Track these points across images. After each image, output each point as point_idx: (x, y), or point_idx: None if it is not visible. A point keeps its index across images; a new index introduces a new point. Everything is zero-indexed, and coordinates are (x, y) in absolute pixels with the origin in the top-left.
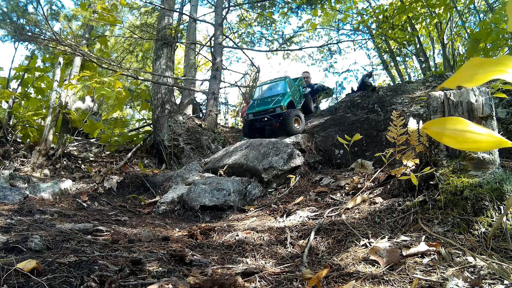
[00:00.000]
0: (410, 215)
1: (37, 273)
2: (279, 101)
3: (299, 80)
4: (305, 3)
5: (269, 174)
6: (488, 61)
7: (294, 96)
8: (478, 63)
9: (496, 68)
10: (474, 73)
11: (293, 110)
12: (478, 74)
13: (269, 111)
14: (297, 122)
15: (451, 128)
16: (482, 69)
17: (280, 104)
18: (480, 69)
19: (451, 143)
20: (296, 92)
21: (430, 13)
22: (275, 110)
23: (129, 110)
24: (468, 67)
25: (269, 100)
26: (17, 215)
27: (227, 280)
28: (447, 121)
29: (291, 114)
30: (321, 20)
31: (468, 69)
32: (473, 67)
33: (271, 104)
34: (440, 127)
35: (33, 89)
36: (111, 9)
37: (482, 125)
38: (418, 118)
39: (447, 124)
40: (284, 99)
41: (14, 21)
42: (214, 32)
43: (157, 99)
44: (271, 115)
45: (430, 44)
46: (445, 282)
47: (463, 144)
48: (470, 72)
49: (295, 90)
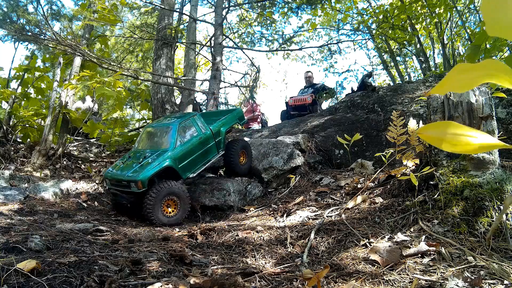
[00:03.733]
0: (410, 215)
1: (37, 273)
2: (138, 171)
3: (230, 116)
4: (305, 3)
5: (269, 174)
6: (475, 66)
7: (191, 153)
8: (465, 68)
9: (484, 73)
10: (462, 79)
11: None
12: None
13: (122, 185)
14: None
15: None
16: (470, 75)
17: (136, 179)
18: (468, 74)
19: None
20: (204, 142)
21: (430, 13)
22: (130, 185)
23: (129, 110)
24: (455, 73)
25: (134, 163)
26: (17, 215)
27: (227, 280)
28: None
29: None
30: (321, 20)
31: (455, 75)
32: (460, 72)
33: (128, 173)
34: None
35: (33, 89)
36: (111, 9)
37: (482, 125)
38: (418, 118)
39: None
40: (150, 167)
41: (14, 21)
42: (214, 32)
43: (157, 99)
44: (125, 191)
45: (430, 44)
46: (445, 282)
47: (456, 147)
48: (458, 78)
49: (202, 140)
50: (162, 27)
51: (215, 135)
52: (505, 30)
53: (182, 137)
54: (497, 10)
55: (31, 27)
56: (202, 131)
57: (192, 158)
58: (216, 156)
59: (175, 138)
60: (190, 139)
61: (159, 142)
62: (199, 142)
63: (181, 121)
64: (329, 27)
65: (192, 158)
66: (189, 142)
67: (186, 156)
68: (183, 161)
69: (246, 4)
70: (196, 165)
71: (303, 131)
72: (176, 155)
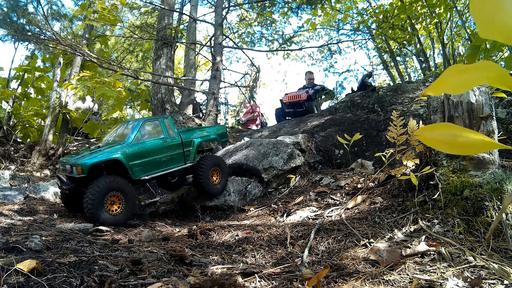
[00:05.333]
0: (410, 215)
1: (37, 273)
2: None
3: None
4: (305, 3)
5: (269, 174)
6: (469, 68)
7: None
8: (460, 70)
9: (478, 74)
10: (457, 81)
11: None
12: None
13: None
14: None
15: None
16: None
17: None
18: (463, 76)
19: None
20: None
21: (430, 13)
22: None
23: (129, 110)
24: (450, 74)
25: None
26: (17, 215)
27: (227, 280)
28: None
29: None
30: (321, 20)
31: (450, 76)
32: (454, 74)
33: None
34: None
35: (33, 89)
36: (111, 9)
37: (482, 125)
38: (418, 118)
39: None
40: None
41: (14, 21)
42: (214, 32)
43: (157, 99)
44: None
45: (430, 44)
46: (445, 282)
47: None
48: (453, 79)
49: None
50: (162, 27)
51: (184, 144)
52: (498, 32)
53: (143, 135)
54: (488, 12)
55: (31, 27)
56: (169, 135)
57: (150, 159)
58: (181, 167)
59: (134, 134)
60: (153, 140)
61: (119, 136)
62: (162, 146)
63: (148, 120)
64: (329, 27)
65: (150, 160)
66: (150, 142)
67: (143, 155)
68: (137, 159)
69: (246, 4)
70: (152, 169)
71: (303, 131)
72: (131, 151)
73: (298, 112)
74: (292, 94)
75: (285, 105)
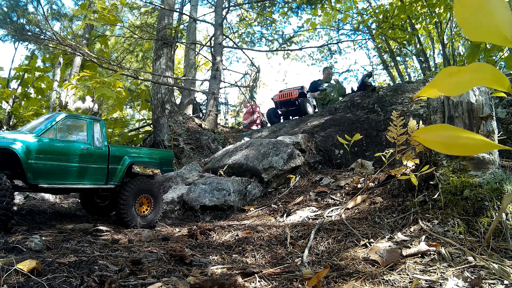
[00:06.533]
0: (410, 215)
1: (37, 273)
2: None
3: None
4: (305, 3)
5: (269, 174)
6: (462, 70)
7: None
8: (453, 72)
9: (472, 76)
10: (452, 82)
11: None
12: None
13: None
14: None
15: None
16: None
17: None
18: (456, 78)
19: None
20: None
21: (430, 13)
22: None
23: (129, 110)
24: (444, 75)
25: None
26: (17, 215)
27: (227, 280)
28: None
29: None
30: (321, 20)
31: (443, 79)
32: (448, 76)
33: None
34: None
35: (33, 89)
36: (111, 9)
37: (482, 125)
38: (418, 118)
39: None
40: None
41: (14, 21)
42: (214, 32)
43: (157, 99)
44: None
45: (430, 44)
46: (445, 282)
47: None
48: (448, 81)
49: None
50: (162, 27)
51: (111, 158)
52: (485, 33)
53: (59, 132)
54: (472, 15)
55: (31, 27)
56: (94, 143)
57: (56, 164)
58: (99, 185)
59: (46, 127)
60: (68, 141)
61: (32, 127)
62: (80, 153)
63: (72, 116)
64: (329, 27)
65: (56, 165)
66: (65, 143)
67: (49, 155)
68: (40, 159)
69: (246, 4)
70: (57, 177)
71: (303, 131)
72: (36, 145)
73: (290, 111)
74: (284, 92)
75: (277, 104)
